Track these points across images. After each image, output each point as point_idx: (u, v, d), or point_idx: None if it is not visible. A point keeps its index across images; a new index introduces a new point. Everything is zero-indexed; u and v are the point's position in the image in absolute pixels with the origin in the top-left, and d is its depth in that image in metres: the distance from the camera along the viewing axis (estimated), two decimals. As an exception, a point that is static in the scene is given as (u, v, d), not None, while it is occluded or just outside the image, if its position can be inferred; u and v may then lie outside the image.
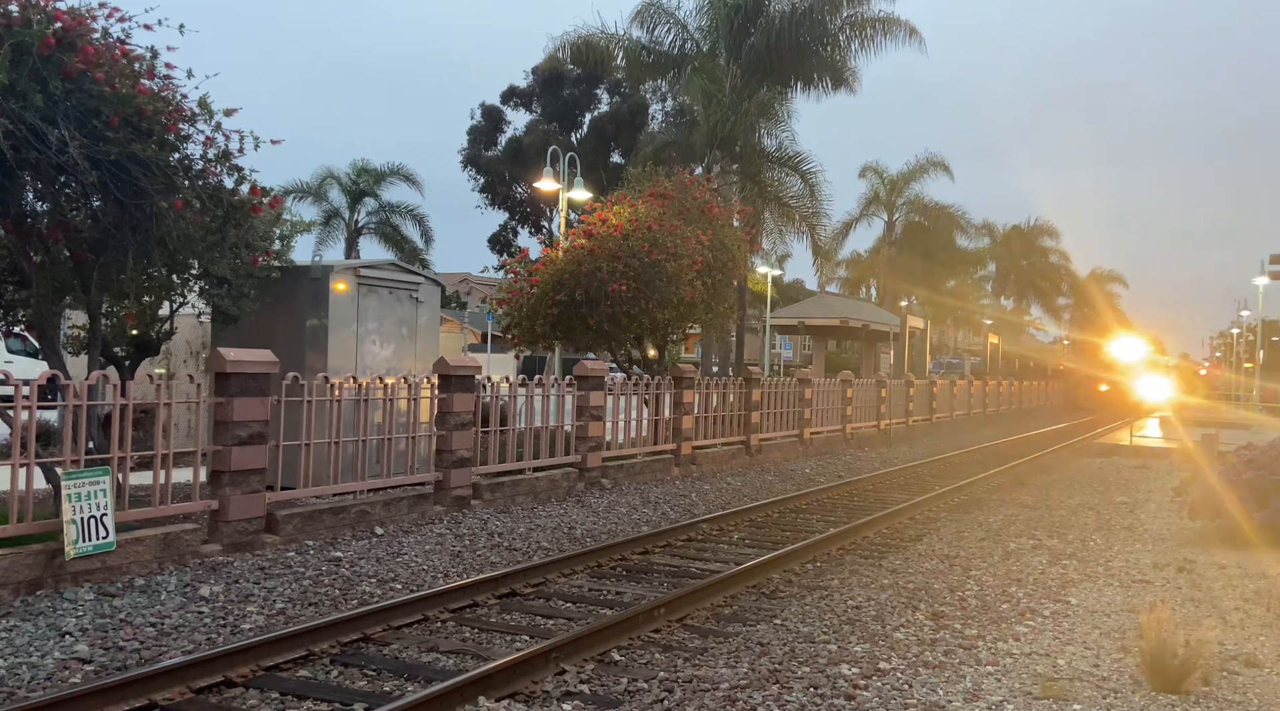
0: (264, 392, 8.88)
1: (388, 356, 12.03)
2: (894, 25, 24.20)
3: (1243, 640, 6.81)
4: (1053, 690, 5.61)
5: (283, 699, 5.46)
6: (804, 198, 25.64)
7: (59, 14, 7.52)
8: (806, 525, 11.74)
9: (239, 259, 9.32)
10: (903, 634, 6.81)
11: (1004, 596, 8.02)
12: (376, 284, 11.95)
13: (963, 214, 45.81)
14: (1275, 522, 10.12)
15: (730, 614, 7.51)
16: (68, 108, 7.40)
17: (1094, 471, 18.48)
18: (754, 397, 18.15)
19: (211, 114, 8.39)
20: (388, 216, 38.68)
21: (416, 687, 5.63)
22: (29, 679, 5.54)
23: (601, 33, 24.59)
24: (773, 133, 24.84)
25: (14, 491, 7.09)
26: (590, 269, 15.39)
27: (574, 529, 10.80)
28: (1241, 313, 66.31)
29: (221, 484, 8.54)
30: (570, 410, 13.63)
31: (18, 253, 8.43)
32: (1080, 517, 12.49)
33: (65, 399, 7.54)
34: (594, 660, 6.18)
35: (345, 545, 9.19)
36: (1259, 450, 11.24)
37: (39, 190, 8.17)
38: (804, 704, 5.38)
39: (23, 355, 19.74)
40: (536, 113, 35.71)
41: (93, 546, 7.24)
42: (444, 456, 11.08)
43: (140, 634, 6.37)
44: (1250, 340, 66.12)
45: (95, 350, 8.99)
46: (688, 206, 17.46)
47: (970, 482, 15.66)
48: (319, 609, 7.22)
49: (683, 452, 15.87)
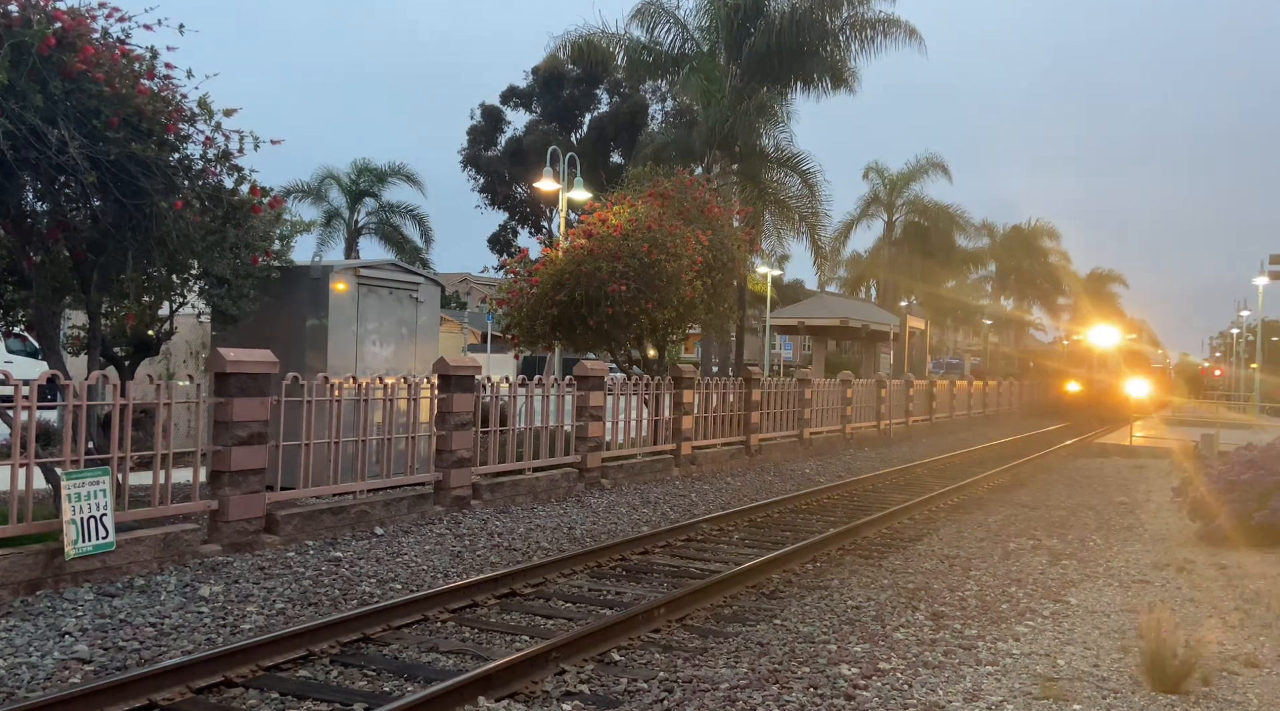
0: (264, 393, 8.89)
1: (388, 356, 12.03)
2: (894, 26, 24.20)
3: (1243, 640, 6.81)
4: (1052, 690, 5.61)
5: (283, 699, 5.46)
6: (804, 198, 25.63)
7: (59, 14, 7.52)
8: (806, 525, 11.75)
9: (239, 259, 9.32)
10: (902, 634, 6.81)
11: (1004, 596, 8.02)
12: (376, 284, 11.94)
13: (963, 214, 45.77)
14: (1275, 522, 10.12)
15: (730, 614, 7.51)
16: (68, 108, 7.40)
17: (1094, 471, 18.48)
18: (754, 398, 18.15)
19: (211, 114, 8.39)
20: (388, 216, 38.61)
21: (416, 687, 5.63)
22: (29, 679, 5.54)
23: (602, 32, 24.60)
24: (772, 133, 24.84)
25: (14, 491, 7.09)
26: (590, 269, 15.39)
27: (574, 529, 10.80)
28: (1241, 313, 66.29)
29: (221, 484, 8.55)
30: (570, 410, 13.63)
31: (18, 253, 8.43)
32: (1080, 517, 12.48)
33: (65, 399, 7.54)
34: (594, 660, 6.18)
35: (345, 545, 9.19)
36: (1259, 450, 11.24)
37: (39, 190, 8.17)
38: (804, 704, 5.38)
39: (23, 355, 19.73)
40: (536, 113, 35.69)
41: (93, 546, 7.25)
42: (444, 456, 11.09)
43: (140, 634, 6.37)
44: (1250, 340, 66.09)
45: (95, 350, 8.99)
46: (687, 206, 17.46)
47: (970, 483, 15.66)
48: (319, 609, 7.22)
49: (682, 452, 15.87)
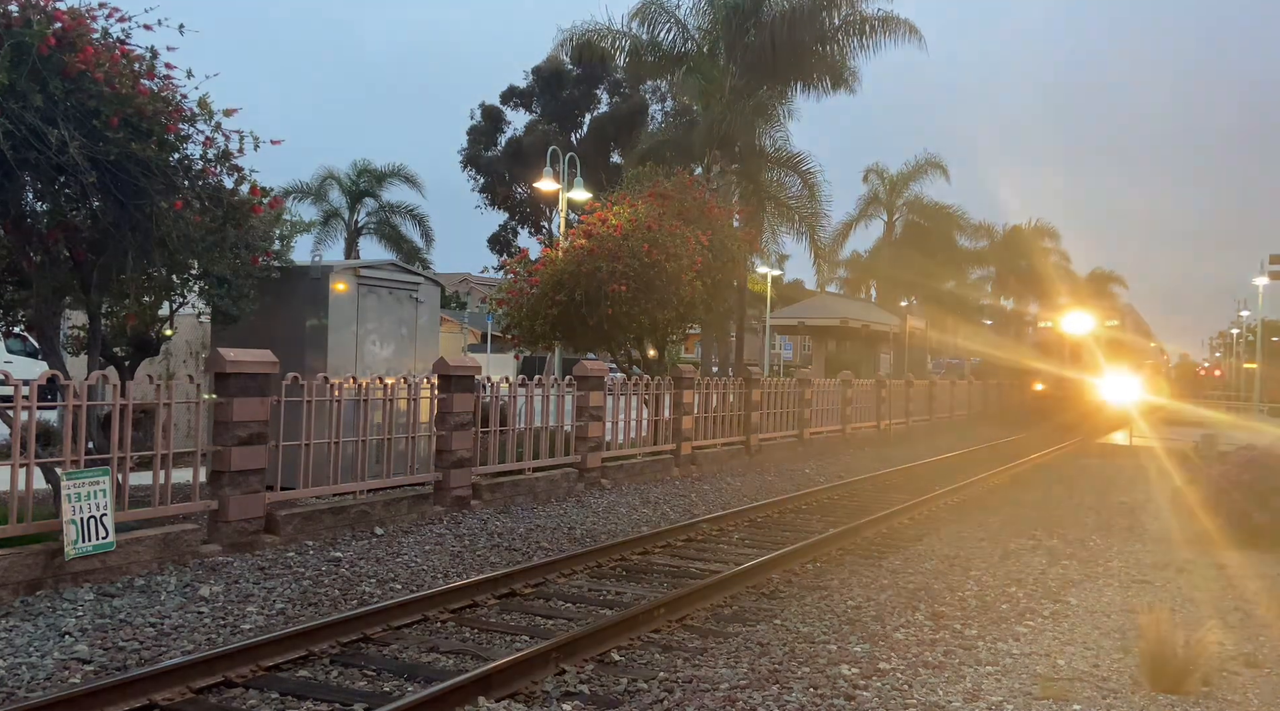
0: (264, 393, 8.89)
1: (387, 356, 12.03)
2: (893, 24, 24.12)
3: (1243, 640, 6.80)
4: (1052, 690, 5.61)
5: (283, 699, 5.46)
6: (803, 198, 25.63)
7: (59, 14, 7.52)
8: (806, 525, 11.74)
9: (239, 259, 9.32)
10: (902, 634, 6.81)
11: (1004, 596, 8.02)
12: (376, 284, 11.94)
13: (962, 214, 45.76)
14: (1275, 523, 10.12)
15: (730, 614, 7.50)
16: (67, 108, 7.39)
17: (1094, 471, 18.47)
18: (754, 398, 18.15)
19: (211, 114, 8.40)
20: (388, 216, 38.61)
21: (416, 687, 5.63)
22: (29, 679, 5.54)
23: (607, 29, 24.58)
24: (771, 133, 24.84)
25: (14, 491, 7.08)
26: (590, 269, 15.39)
27: (574, 529, 10.79)
28: (1241, 313, 66.32)
29: (221, 484, 8.55)
30: (570, 410, 13.63)
31: (18, 253, 8.43)
32: (1080, 517, 12.48)
33: (65, 399, 7.53)
34: (594, 660, 6.18)
35: (345, 545, 9.18)
36: (1259, 450, 11.25)
37: (39, 190, 8.17)
38: (804, 704, 5.38)
39: (23, 355, 19.75)
40: (536, 113, 35.72)
41: (92, 546, 7.24)
42: (444, 456, 11.08)
43: (140, 634, 6.37)
44: (1250, 340, 66.09)
45: (95, 350, 8.99)
46: (687, 206, 17.47)
47: (970, 483, 15.65)
48: (319, 609, 7.21)
49: (682, 452, 15.87)
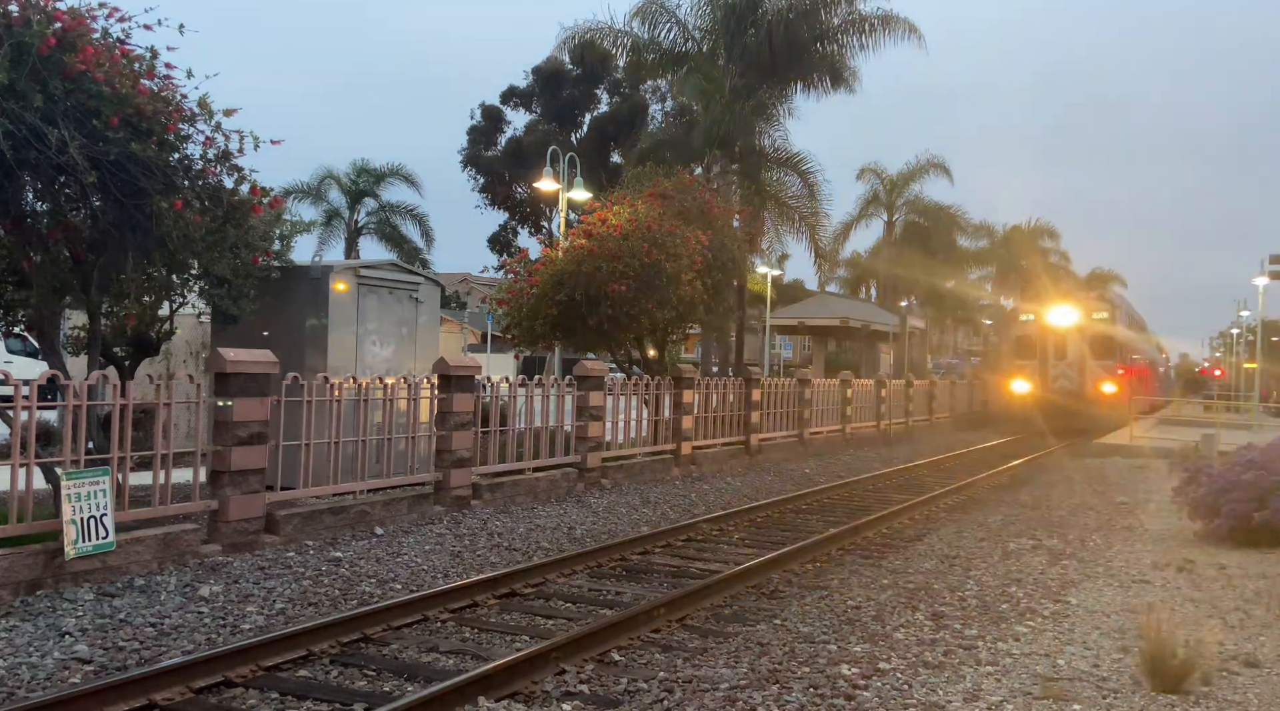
0: (264, 393, 8.89)
1: (388, 356, 12.03)
2: (892, 23, 24.07)
3: (1243, 640, 6.80)
4: (1053, 690, 5.61)
5: (283, 699, 5.46)
6: (803, 198, 25.59)
7: (59, 14, 7.52)
8: (806, 525, 11.74)
9: (239, 259, 9.32)
10: (903, 634, 6.81)
11: (1004, 596, 8.02)
12: (376, 284, 11.94)
13: (963, 214, 45.69)
14: (1275, 523, 10.11)
15: (730, 614, 7.50)
16: (67, 108, 7.40)
17: (1094, 471, 18.47)
18: (754, 397, 18.15)
19: (211, 114, 8.40)
20: (388, 216, 38.55)
21: (416, 687, 5.63)
22: (29, 679, 5.54)
23: (609, 28, 24.55)
24: (770, 132, 24.82)
25: (14, 491, 7.09)
26: (590, 269, 15.39)
27: (574, 529, 10.79)
28: (1241, 313, 66.24)
29: (221, 484, 8.55)
30: (570, 410, 13.63)
31: (18, 253, 8.43)
32: (1080, 517, 12.48)
33: (65, 399, 7.54)
34: (594, 660, 6.18)
35: (345, 545, 9.19)
36: (1259, 450, 11.24)
37: (39, 190, 8.17)
38: (804, 704, 5.38)
39: (23, 355, 19.75)
40: (536, 113, 35.66)
41: (92, 546, 7.25)
42: (444, 456, 11.09)
43: (140, 634, 6.37)
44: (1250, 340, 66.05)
45: (95, 350, 8.99)
46: (687, 206, 17.46)
47: (970, 482, 15.66)
48: (319, 609, 7.22)
49: (682, 452, 15.87)
